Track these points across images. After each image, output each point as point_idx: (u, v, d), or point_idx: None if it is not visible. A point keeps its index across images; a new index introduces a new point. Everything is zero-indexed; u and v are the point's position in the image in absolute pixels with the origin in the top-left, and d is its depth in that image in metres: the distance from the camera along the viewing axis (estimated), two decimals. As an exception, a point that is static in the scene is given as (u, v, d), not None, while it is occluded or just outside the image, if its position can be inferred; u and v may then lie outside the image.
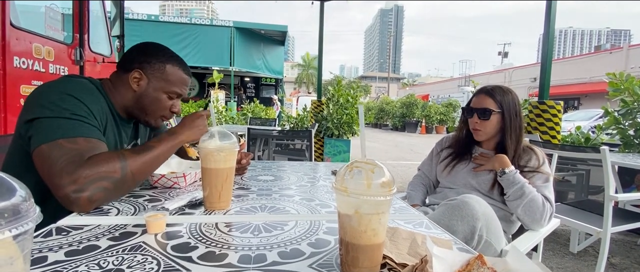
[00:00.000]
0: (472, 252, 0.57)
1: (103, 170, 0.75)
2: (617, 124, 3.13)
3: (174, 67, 1.01)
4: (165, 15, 15.60)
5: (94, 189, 0.73)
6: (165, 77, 0.99)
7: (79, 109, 0.83)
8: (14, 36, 2.38)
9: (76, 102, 0.84)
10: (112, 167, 0.76)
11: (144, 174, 0.84)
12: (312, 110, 5.79)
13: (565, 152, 2.02)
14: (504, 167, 1.25)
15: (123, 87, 0.99)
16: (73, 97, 0.84)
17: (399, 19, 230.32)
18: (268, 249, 0.59)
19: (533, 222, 1.22)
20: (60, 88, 0.85)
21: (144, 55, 0.99)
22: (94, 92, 0.92)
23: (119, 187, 0.78)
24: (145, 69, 0.98)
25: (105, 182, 0.75)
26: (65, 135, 0.77)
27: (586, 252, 2.36)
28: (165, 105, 1.02)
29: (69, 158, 0.74)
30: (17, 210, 0.27)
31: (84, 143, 0.79)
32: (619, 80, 3.09)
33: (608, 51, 21.57)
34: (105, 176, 0.75)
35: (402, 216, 0.85)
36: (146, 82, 0.98)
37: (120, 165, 0.77)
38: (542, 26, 3.43)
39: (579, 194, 2.75)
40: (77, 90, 0.86)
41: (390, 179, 0.50)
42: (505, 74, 26.56)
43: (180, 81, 1.02)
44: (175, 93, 1.03)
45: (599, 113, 10.31)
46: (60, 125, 0.79)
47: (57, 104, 0.81)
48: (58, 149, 0.75)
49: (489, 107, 1.30)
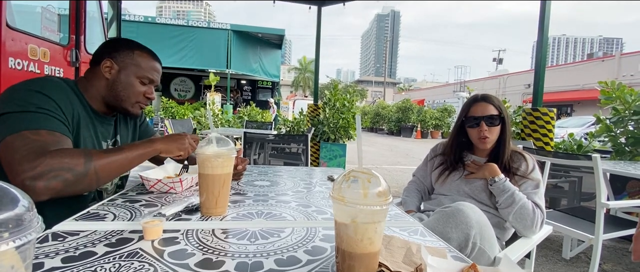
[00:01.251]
0: (466, 261, 0.58)
1: (66, 161, 0.76)
2: (609, 131, 3.18)
3: (142, 53, 1.05)
4: (162, 17, 15.56)
5: (52, 178, 0.73)
6: (135, 62, 1.03)
7: (45, 104, 0.85)
8: (10, 37, 2.36)
9: (43, 97, 0.86)
10: (75, 161, 0.77)
11: (109, 173, 0.84)
12: (309, 114, 5.80)
13: (558, 159, 2.05)
14: (493, 175, 1.28)
15: (96, 79, 1.02)
16: (40, 93, 0.86)
17: (395, 24, 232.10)
18: (265, 257, 0.60)
19: (524, 228, 1.24)
20: (29, 86, 0.87)
21: (112, 47, 1.04)
22: (64, 90, 0.93)
23: (79, 180, 0.78)
24: (115, 57, 1.02)
25: (66, 173, 0.75)
26: (29, 127, 0.79)
27: (579, 259, 2.39)
28: (139, 90, 1.05)
29: (30, 148, 0.76)
30: (20, 220, 0.27)
31: (47, 135, 0.80)
32: (610, 88, 3.14)
33: (600, 59, 21.91)
34: (67, 167, 0.75)
35: (397, 223, 0.86)
36: (117, 69, 1.02)
37: (84, 160, 0.78)
38: (536, 34, 3.49)
39: (572, 201, 2.78)
40: (46, 87, 0.88)
41: (387, 188, 0.51)
42: (499, 80, 26.83)
43: (150, 67, 1.06)
44: (146, 78, 1.05)
45: (592, 120, 10.46)
46: (24, 118, 0.80)
47: (24, 99, 0.84)
48: (21, 139, 0.77)
49: (493, 113, 1.33)
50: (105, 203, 0.87)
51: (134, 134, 1.23)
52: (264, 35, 13.45)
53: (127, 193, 0.99)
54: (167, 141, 0.95)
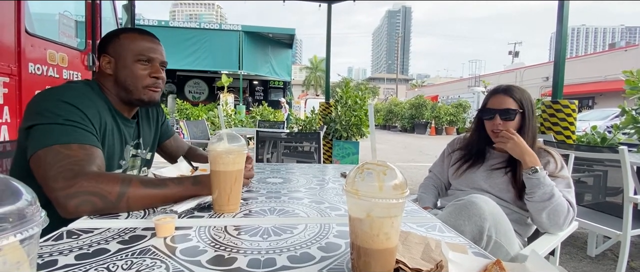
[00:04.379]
0: (488, 257, 0.55)
1: (101, 187, 0.75)
2: (635, 123, 3.03)
3: (128, 34, 1.02)
4: (175, 20, 15.85)
5: (83, 201, 0.73)
6: (126, 47, 1.00)
7: (73, 115, 0.84)
8: (29, 43, 2.44)
9: (70, 107, 0.85)
10: (110, 188, 0.75)
11: (140, 206, 0.80)
12: (321, 112, 5.78)
13: (581, 152, 1.96)
14: (536, 164, 1.16)
15: (106, 79, 1.02)
16: (67, 103, 0.85)
17: (406, 20, 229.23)
18: (277, 253, 0.58)
19: (553, 226, 1.17)
20: (55, 95, 0.87)
21: (103, 43, 1.03)
22: (90, 96, 0.93)
23: (108, 208, 0.76)
24: (108, 51, 1.01)
25: (97, 198, 0.74)
26: (59, 141, 0.79)
27: (605, 256, 2.29)
28: (141, 73, 1.01)
29: (65, 164, 0.76)
30: (23, 214, 0.27)
31: (78, 149, 0.80)
32: (636, 78, 3.00)
33: (623, 49, 21.02)
34: (100, 193, 0.74)
35: (413, 219, 0.83)
36: (114, 62, 1.00)
37: (120, 190, 0.76)
38: (554, 25, 3.36)
39: (596, 196, 2.66)
40: (72, 96, 0.88)
41: (403, 181, 0.48)
42: (516, 73, 26.12)
43: (141, 46, 1.01)
44: (143, 56, 1.01)
45: (615, 112, 10.03)
46: (53, 131, 0.80)
47: (51, 110, 0.83)
48: (53, 154, 0.77)
49: (510, 107, 1.27)
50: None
51: (155, 135, 1.22)
52: (275, 35, 13.52)
53: (141, 191, 0.99)
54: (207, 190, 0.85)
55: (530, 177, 1.16)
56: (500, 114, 1.27)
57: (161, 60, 1.04)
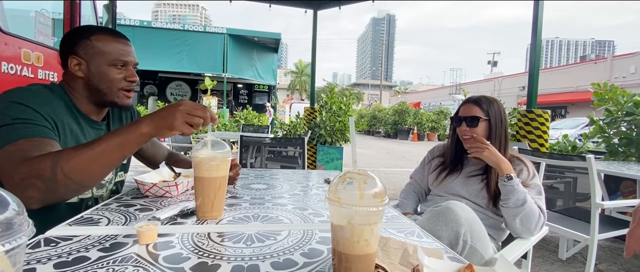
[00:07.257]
0: (462, 262, 0.58)
1: (35, 167, 0.72)
2: (603, 132, 3.21)
3: (100, 36, 0.98)
4: (157, 20, 15.55)
5: (27, 186, 0.72)
6: (98, 50, 0.96)
7: (22, 113, 0.82)
8: (3, 41, 2.35)
9: (20, 107, 0.83)
10: (42, 165, 0.72)
11: (82, 173, 0.74)
12: (305, 117, 5.80)
13: (553, 160, 2.06)
14: (510, 172, 1.22)
15: (73, 81, 0.98)
16: (18, 103, 0.84)
17: (391, 27, 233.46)
18: (261, 260, 0.59)
19: (526, 231, 1.23)
20: (6, 98, 0.85)
21: (70, 42, 0.97)
22: (45, 96, 0.90)
23: (50, 187, 0.73)
24: (77, 52, 0.96)
25: (36, 179, 0.72)
26: (8, 140, 0.77)
27: (575, 259, 2.40)
28: (116, 77, 0.98)
29: (12, 159, 0.74)
30: (10, 224, 0.27)
31: (25, 144, 0.78)
32: (603, 90, 3.18)
33: (593, 61, 22.18)
34: (36, 173, 0.72)
35: (394, 225, 0.86)
36: (85, 64, 0.96)
37: (51, 162, 0.72)
38: (529, 37, 3.52)
39: (567, 202, 2.80)
40: (24, 97, 0.86)
41: (382, 189, 0.51)
42: (494, 82, 27.04)
43: (115, 49, 0.98)
44: (118, 61, 0.98)
45: (585, 121, 10.56)
46: (2, 133, 0.78)
47: (2, 112, 0.81)
48: (4, 155, 0.76)
49: (476, 114, 1.33)
50: (100, 208, 0.86)
51: None
52: (260, 39, 13.49)
53: (121, 197, 0.98)
54: (154, 118, 0.77)
55: (505, 184, 1.22)
56: (466, 121, 1.35)
57: (134, 63, 1.03)
